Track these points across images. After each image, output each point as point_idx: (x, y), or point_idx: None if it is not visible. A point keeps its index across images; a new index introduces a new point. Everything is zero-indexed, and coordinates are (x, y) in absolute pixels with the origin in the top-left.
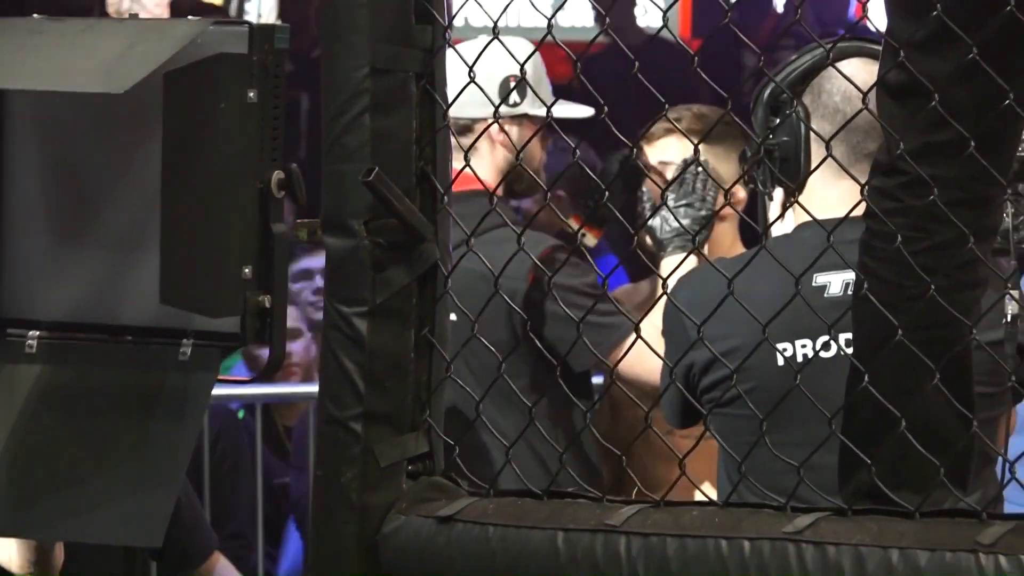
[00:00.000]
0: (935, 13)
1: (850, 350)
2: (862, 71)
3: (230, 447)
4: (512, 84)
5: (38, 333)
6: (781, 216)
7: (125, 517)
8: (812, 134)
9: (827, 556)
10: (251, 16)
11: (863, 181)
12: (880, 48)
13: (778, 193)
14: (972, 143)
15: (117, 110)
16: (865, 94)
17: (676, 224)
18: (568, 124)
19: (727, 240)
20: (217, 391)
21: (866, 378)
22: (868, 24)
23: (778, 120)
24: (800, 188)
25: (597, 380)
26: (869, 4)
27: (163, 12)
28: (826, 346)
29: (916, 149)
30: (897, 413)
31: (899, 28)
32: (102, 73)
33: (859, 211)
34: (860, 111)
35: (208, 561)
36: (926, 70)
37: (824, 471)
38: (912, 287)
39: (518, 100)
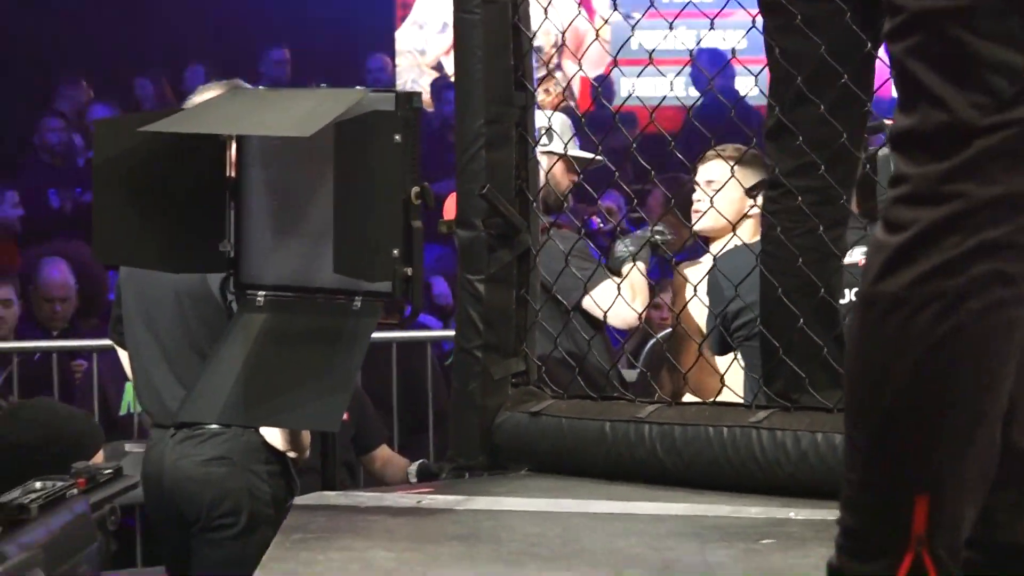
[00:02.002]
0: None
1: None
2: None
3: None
4: (543, 132)
5: (264, 292)
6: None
7: (315, 411)
8: None
9: (775, 437)
10: None
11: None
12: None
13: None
14: (822, 166)
15: (311, 145)
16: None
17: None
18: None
19: (749, 233)
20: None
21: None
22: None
23: None
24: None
25: None
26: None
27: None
28: None
29: (790, 170)
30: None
31: (777, 89)
32: (297, 123)
33: None
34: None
35: (378, 448)
36: (793, 118)
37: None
38: (791, 258)
39: (547, 142)
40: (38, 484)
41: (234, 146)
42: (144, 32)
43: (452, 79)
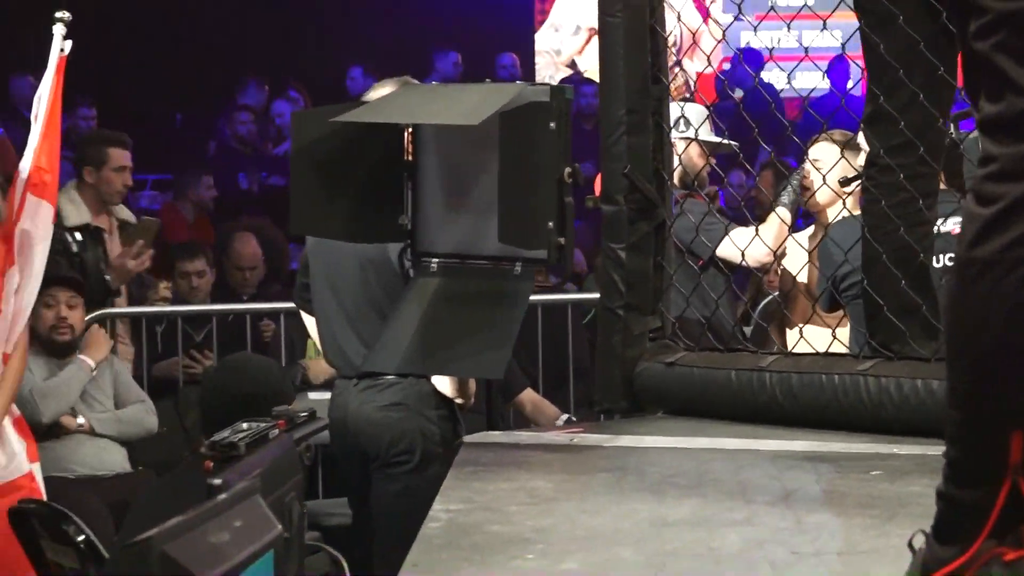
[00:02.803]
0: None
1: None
2: None
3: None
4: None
5: (437, 259)
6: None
7: (482, 361)
8: None
9: (880, 383)
10: None
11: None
12: None
13: None
14: (920, 147)
15: (477, 132)
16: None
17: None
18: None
19: (852, 205)
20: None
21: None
22: None
23: None
24: None
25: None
26: None
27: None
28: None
29: (886, 150)
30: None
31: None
32: (467, 113)
33: None
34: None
35: (524, 392)
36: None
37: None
38: (890, 227)
39: (683, 129)
40: (244, 425)
41: (410, 133)
42: (305, 35)
43: (584, 75)
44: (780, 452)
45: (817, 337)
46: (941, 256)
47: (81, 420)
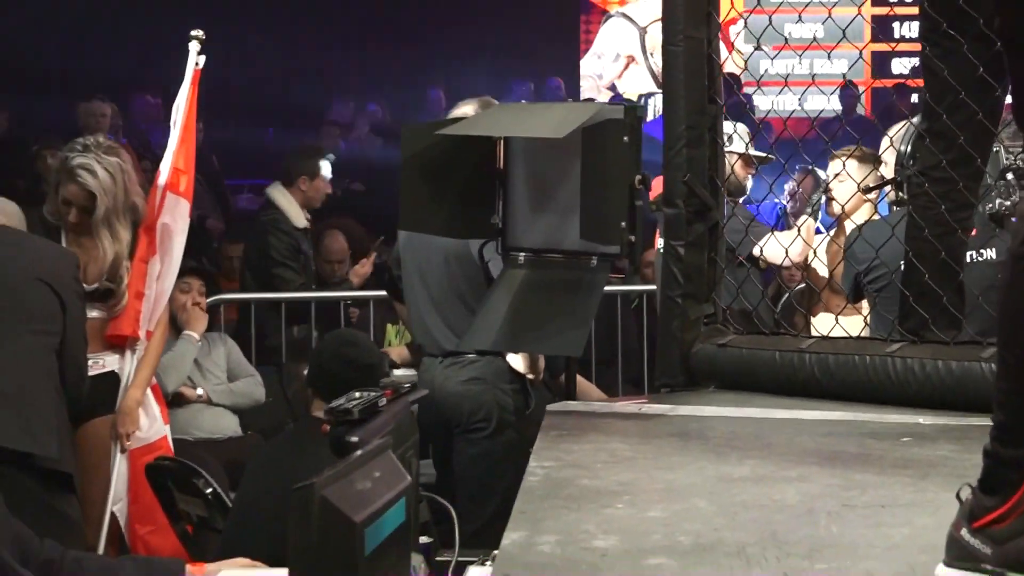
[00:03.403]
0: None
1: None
2: None
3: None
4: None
5: (524, 253)
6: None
7: (563, 340)
8: None
9: (906, 363)
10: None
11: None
12: None
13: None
14: (976, 161)
15: (560, 144)
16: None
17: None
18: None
19: (867, 213)
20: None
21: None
22: None
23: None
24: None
25: None
26: None
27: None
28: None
29: (931, 165)
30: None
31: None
32: (552, 127)
33: None
34: None
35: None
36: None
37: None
38: (936, 229)
39: (727, 144)
40: (357, 394)
41: (502, 144)
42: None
43: (623, 97)
44: (821, 421)
45: (830, 323)
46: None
47: (200, 391)
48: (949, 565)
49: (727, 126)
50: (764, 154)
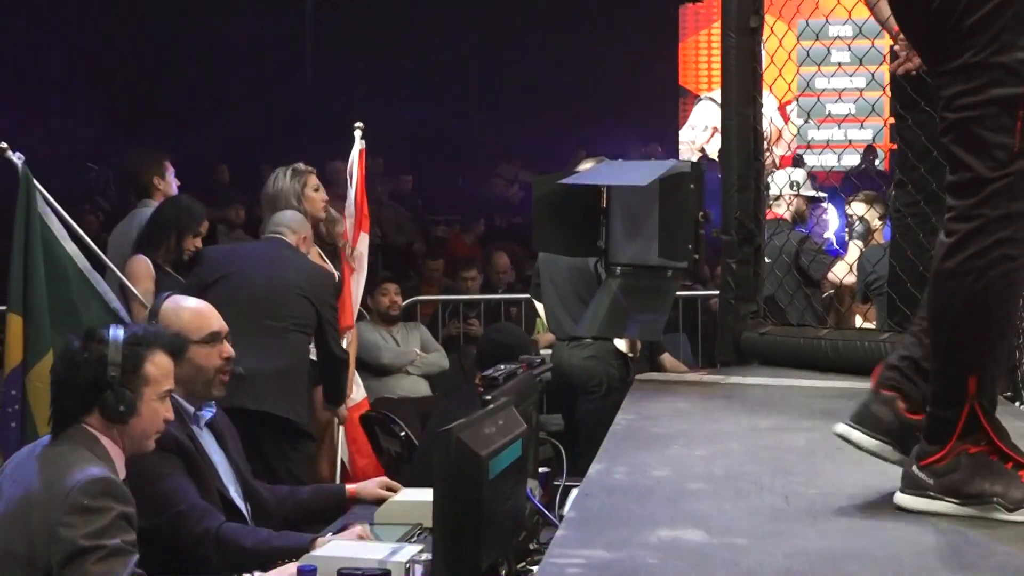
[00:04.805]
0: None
1: None
2: None
3: None
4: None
5: (620, 267)
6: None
7: (647, 329)
8: None
9: (893, 347)
10: None
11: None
12: None
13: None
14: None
15: (646, 189)
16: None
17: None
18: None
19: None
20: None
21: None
22: None
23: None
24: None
25: None
26: None
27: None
28: None
29: (905, 204)
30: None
31: (901, 161)
32: (640, 178)
33: None
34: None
35: (664, 355)
36: (907, 176)
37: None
38: (905, 249)
39: (795, 189)
40: (502, 366)
41: (605, 190)
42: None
43: (709, 158)
44: (828, 388)
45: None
46: None
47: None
48: (903, 491)
49: (792, 174)
50: (817, 194)
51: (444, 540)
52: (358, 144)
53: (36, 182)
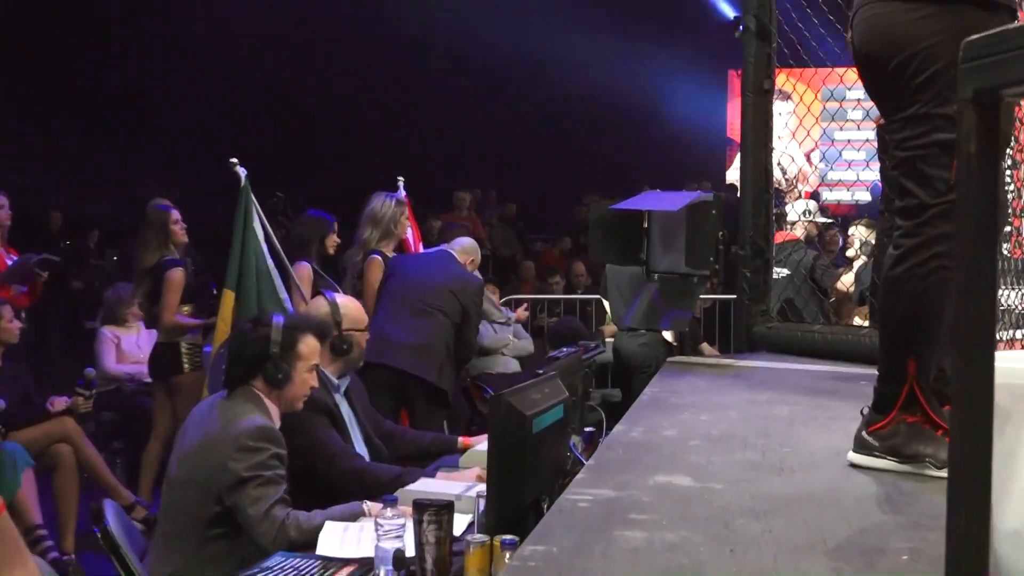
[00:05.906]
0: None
1: None
2: None
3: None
4: (806, 210)
5: (657, 273)
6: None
7: (677, 322)
8: None
9: (872, 341)
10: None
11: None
12: None
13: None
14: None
15: (678, 214)
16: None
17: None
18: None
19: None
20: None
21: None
22: None
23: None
24: None
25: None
26: None
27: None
28: None
29: (890, 227)
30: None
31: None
32: (672, 205)
33: None
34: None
35: (703, 343)
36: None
37: None
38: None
39: (800, 215)
40: (564, 348)
41: (647, 214)
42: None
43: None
44: (817, 370)
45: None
46: None
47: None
48: (855, 451)
49: (807, 205)
50: (828, 220)
51: (495, 480)
52: (402, 191)
53: (252, 193)
